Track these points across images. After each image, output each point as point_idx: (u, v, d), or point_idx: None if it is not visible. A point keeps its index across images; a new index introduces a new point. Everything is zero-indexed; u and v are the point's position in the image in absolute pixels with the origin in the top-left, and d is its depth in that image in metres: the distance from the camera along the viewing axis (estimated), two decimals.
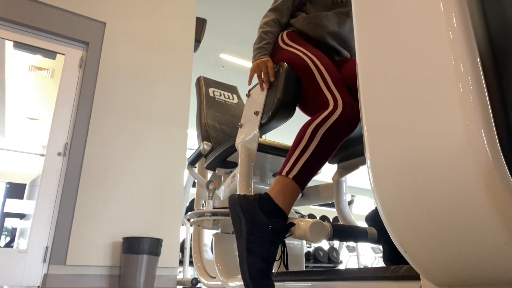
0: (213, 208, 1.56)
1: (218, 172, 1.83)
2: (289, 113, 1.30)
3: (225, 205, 1.58)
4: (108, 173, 3.07)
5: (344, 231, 1.09)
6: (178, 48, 3.70)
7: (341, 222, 1.56)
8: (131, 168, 3.17)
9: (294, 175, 1.08)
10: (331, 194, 1.64)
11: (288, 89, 1.27)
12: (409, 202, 0.51)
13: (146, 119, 3.35)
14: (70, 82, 3.20)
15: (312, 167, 1.11)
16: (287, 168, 1.10)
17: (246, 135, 1.39)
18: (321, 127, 1.11)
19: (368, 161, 0.56)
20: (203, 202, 1.63)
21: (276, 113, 1.28)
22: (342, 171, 1.60)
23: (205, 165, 1.82)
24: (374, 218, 1.25)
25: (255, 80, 1.43)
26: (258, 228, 1.02)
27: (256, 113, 1.35)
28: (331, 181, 1.65)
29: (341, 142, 1.14)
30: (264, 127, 1.34)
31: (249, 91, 1.47)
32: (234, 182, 1.61)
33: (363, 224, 1.56)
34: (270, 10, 1.54)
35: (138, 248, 2.74)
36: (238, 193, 1.31)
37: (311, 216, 5.53)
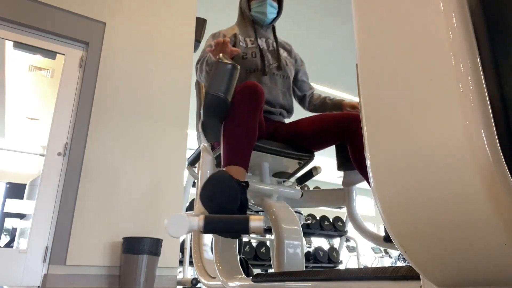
0: None
1: None
2: (218, 106, 1.25)
3: None
4: (108, 173, 3.07)
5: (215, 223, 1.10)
6: (178, 48, 3.70)
7: (352, 227, 1.58)
8: (131, 168, 3.17)
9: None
10: (340, 199, 1.66)
11: (215, 80, 1.24)
12: (409, 202, 0.51)
13: (146, 119, 3.35)
14: (70, 82, 3.20)
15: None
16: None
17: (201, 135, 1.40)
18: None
19: (368, 161, 0.56)
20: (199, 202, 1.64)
21: (206, 107, 1.25)
22: (352, 179, 1.62)
23: None
24: None
25: None
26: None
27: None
28: (341, 186, 1.68)
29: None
30: (204, 125, 1.33)
31: None
32: None
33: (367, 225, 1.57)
34: (197, 62, 1.67)
35: (138, 248, 2.74)
36: (200, 184, 1.32)
37: (311, 216, 5.52)
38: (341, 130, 1.52)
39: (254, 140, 1.35)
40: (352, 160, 1.52)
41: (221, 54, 1.30)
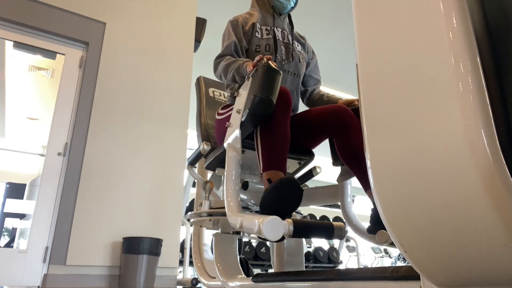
0: (210, 208, 1.56)
1: (218, 172, 1.83)
2: (266, 109, 1.29)
3: (222, 205, 1.58)
4: (108, 173, 3.07)
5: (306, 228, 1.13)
6: (178, 48, 3.70)
7: (346, 224, 1.57)
8: (131, 168, 3.17)
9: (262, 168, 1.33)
10: (333, 195, 1.65)
11: (265, 84, 1.28)
12: (409, 202, 0.51)
13: (146, 119, 3.35)
14: (70, 82, 3.20)
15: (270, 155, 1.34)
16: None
17: (232, 135, 1.39)
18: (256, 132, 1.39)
19: (368, 161, 0.56)
20: (200, 202, 1.64)
21: (254, 109, 1.28)
22: (346, 174, 1.60)
23: (205, 165, 1.82)
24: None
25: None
26: None
27: (238, 111, 1.36)
28: (336, 183, 1.66)
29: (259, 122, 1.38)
30: (244, 125, 1.34)
31: (238, 90, 1.48)
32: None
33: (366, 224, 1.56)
34: (218, 57, 1.69)
35: (138, 248, 2.74)
36: (225, 189, 1.32)
37: (311, 216, 5.52)
38: (331, 121, 1.51)
39: (289, 145, 1.38)
40: (339, 154, 1.50)
41: (265, 58, 1.34)
